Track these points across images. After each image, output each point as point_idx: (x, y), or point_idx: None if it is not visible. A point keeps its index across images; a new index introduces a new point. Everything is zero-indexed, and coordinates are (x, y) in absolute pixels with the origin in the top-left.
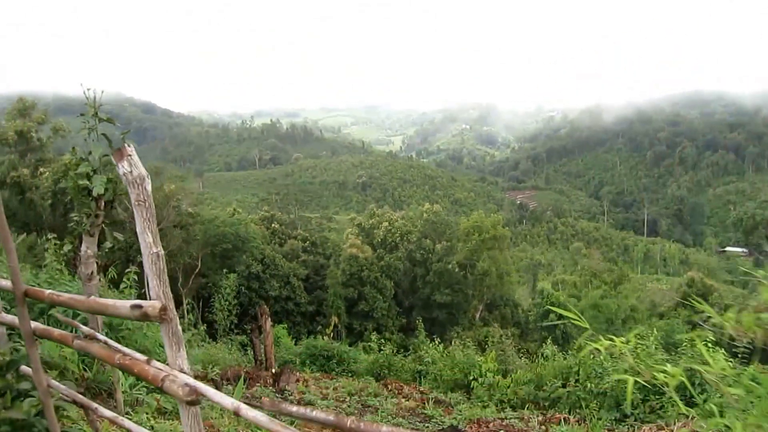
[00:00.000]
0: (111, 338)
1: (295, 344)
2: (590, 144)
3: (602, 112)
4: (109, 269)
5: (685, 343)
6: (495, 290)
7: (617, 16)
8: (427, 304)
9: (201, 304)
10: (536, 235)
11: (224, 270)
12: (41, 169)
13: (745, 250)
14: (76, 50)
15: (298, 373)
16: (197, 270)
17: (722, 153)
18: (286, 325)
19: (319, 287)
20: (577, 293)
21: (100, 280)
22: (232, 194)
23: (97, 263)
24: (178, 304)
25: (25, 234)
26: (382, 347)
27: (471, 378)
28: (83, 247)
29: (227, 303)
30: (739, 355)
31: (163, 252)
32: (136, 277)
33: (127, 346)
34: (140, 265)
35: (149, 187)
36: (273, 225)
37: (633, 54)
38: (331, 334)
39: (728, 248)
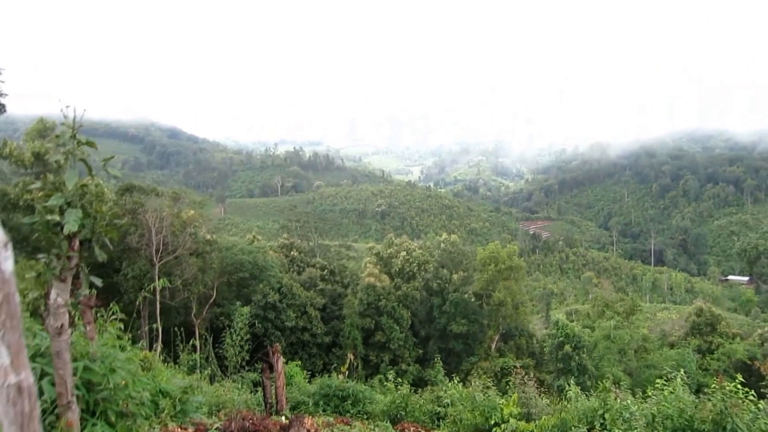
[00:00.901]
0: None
1: (311, 379)
2: (599, 176)
3: (610, 146)
4: (111, 305)
5: (714, 385)
6: (510, 321)
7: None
8: (444, 334)
9: (215, 335)
10: (549, 265)
11: (239, 301)
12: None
13: (746, 278)
14: (104, 73)
15: (310, 420)
16: (212, 299)
17: (723, 185)
18: (299, 362)
19: (336, 317)
20: (591, 324)
21: (73, 332)
22: (254, 220)
23: (70, 313)
24: (191, 335)
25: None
26: (399, 386)
27: (492, 423)
28: (53, 295)
29: (239, 338)
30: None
31: (30, 382)
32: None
33: None
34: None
35: (9, 266)
36: (292, 252)
37: (639, 91)
38: (347, 372)
39: (731, 277)
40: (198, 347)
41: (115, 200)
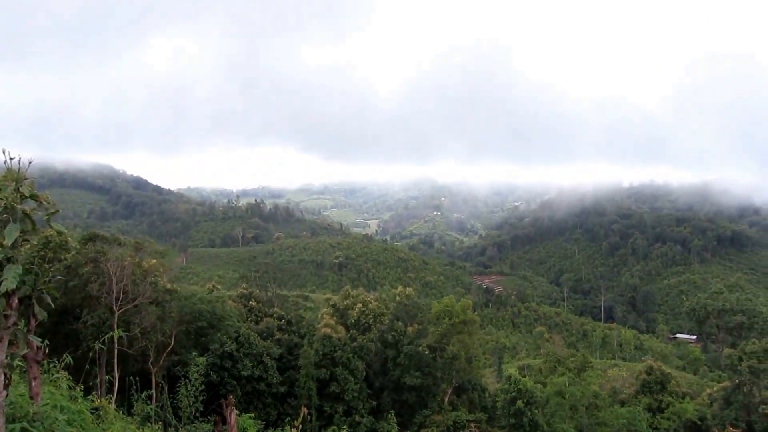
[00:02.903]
0: None
1: (265, 430)
2: (551, 233)
3: (562, 204)
4: (64, 356)
5: None
6: (464, 374)
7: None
8: (398, 386)
9: (172, 383)
10: (501, 319)
11: (195, 352)
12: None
13: (694, 337)
14: (70, 123)
15: None
16: (170, 348)
17: (670, 245)
18: (254, 413)
19: (292, 367)
20: (543, 379)
21: (8, 394)
22: (214, 270)
23: (6, 373)
24: (148, 384)
25: None
26: None
27: None
28: None
29: (194, 389)
30: None
31: None
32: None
33: None
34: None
35: None
36: (250, 302)
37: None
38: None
39: (679, 335)
40: (154, 396)
41: (78, 249)
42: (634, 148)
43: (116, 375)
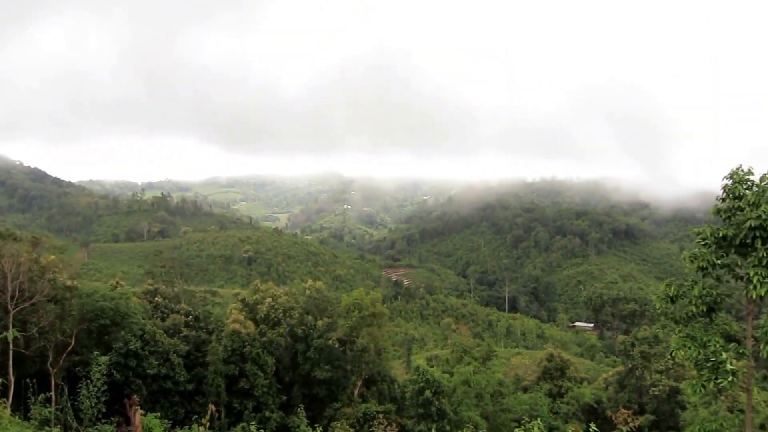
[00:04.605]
0: None
1: (172, 429)
2: (458, 227)
3: (468, 198)
4: None
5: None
6: (373, 366)
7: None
8: (308, 380)
9: (73, 385)
10: (410, 311)
11: (97, 351)
12: None
13: (591, 325)
14: None
15: None
16: (70, 347)
17: (570, 237)
18: (159, 413)
19: (200, 364)
20: (450, 369)
21: None
22: (118, 265)
23: None
24: (47, 386)
25: None
26: None
27: None
28: None
29: (95, 389)
30: None
31: None
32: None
33: None
34: None
35: None
36: (156, 298)
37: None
38: (208, 423)
39: (577, 323)
40: (53, 399)
41: None
42: (537, 145)
43: (11, 378)
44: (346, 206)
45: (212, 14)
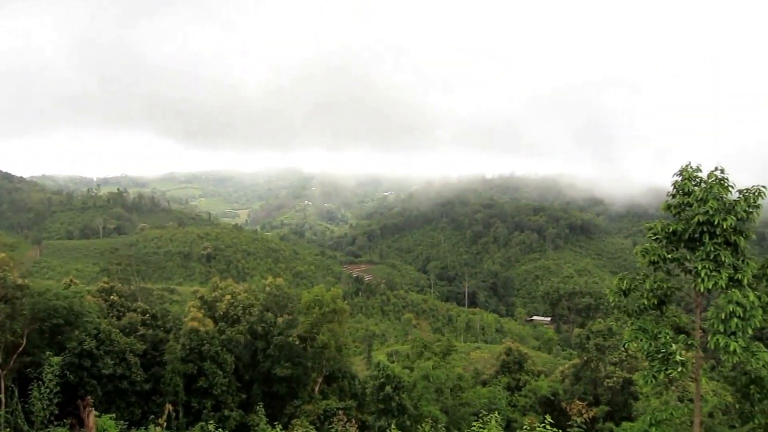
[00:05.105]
0: None
1: (128, 430)
2: (419, 222)
3: (429, 194)
4: None
5: (525, 426)
6: (334, 363)
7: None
8: (268, 378)
9: (24, 387)
10: (371, 307)
11: (49, 352)
12: None
13: (548, 319)
14: None
15: None
16: (21, 348)
17: (528, 233)
18: (115, 413)
19: (157, 363)
20: (410, 364)
21: None
22: (72, 263)
23: None
24: None
25: None
26: None
27: None
28: None
29: (48, 391)
30: None
31: None
32: None
33: None
34: None
35: None
36: (112, 297)
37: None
38: (165, 423)
39: (535, 317)
40: (3, 401)
41: None
42: (496, 143)
43: None
44: (306, 202)
45: (168, 7)
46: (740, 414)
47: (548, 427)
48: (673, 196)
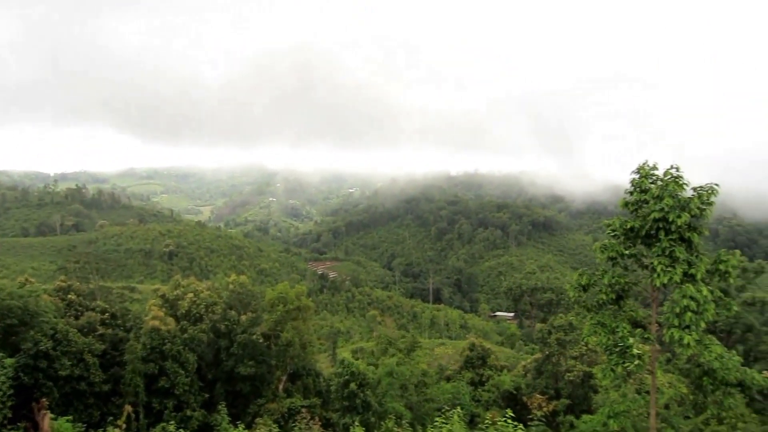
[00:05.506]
0: None
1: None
2: (384, 219)
3: (394, 191)
4: None
5: (487, 420)
6: (298, 360)
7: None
8: (231, 376)
9: None
10: (336, 304)
11: (2, 353)
12: None
13: (511, 314)
14: None
15: None
16: None
17: (492, 230)
18: (73, 415)
19: (117, 363)
20: (375, 361)
21: None
22: (28, 261)
23: None
24: None
25: None
26: None
27: None
28: None
29: (1, 393)
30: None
31: None
32: None
33: None
34: None
35: None
36: (69, 296)
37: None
38: (124, 425)
39: (498, 313)
40: None
41: None
42: (460, 140)
43: None
44: (271, 199)
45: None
46: (694, 405)
47: (509, 421)
48: (631, 193)
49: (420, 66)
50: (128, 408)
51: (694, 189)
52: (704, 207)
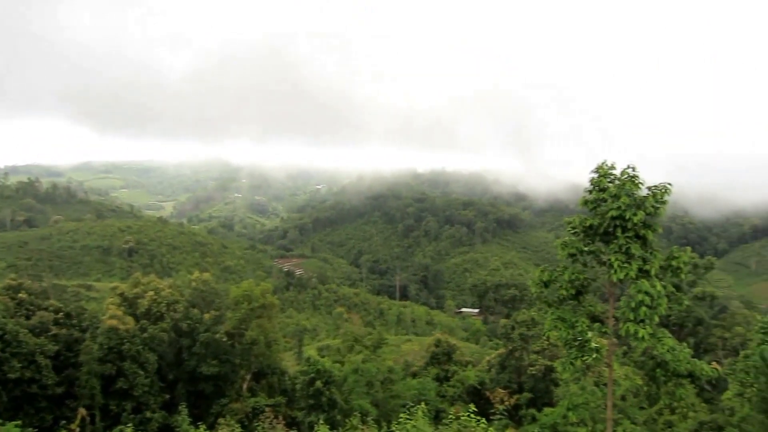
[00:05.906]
0: None
1: None
2: (351, 216)
3: (361, 187)
4: None
5: (451, 415)
6: (263, 359)
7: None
8: (193, 376)
9: None
10: (302, 301)
11: None
12: None
13: (476, 310)
14: None
15: None
16: None
17: (458, 227)
18: (22, 419)
19: (72, 365)
20: (341, 358)
21: None
22: None
23: None
24: None
25: None
26: None
27: None
28: None
29: None
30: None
31: None
32: None
33: None
34: None
35: None
36: (20, 295)
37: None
38: (78, 429)
39: (464, 309)
40: None
41: None
42: (427, 138)
43: None
44: (236, 195)
45: None
46: (648, 396)
47: (472, 415)
48: (590, 192)
49: (386, 62)
50: (83, 411)
51: (649, 188)
52: (658, 205)
